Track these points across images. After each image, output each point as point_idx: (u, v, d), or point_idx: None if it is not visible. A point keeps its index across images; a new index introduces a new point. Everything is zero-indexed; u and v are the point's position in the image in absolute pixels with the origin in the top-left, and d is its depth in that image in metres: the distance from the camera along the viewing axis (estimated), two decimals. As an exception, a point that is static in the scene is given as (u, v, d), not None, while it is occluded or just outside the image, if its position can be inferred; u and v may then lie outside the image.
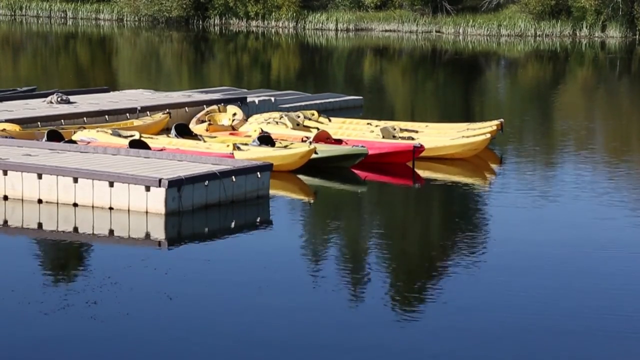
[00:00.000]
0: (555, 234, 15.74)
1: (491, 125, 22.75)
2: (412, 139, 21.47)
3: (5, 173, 16.67)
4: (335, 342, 10.83)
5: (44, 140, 19.48)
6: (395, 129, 22.17)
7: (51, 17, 66.73)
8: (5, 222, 15.95)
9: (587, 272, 13.73)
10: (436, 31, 60.85)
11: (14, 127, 20.71)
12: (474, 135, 21.91)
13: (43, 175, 16.47)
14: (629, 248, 14.91)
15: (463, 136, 22.00)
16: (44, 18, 66.60)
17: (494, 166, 21.79)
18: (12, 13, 67.60)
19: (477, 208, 18.37)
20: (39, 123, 21.78)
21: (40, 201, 16.46)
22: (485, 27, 60.33)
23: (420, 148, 20.39)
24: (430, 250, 15.29)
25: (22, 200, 16.55)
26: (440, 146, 21.39)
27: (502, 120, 23.34)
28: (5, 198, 16.65)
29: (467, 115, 30.48)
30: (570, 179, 20.34)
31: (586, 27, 58.62)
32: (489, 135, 21.89)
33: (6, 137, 19.70)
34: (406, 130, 22.51)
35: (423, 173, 20.28)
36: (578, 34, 58.81)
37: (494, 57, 53.25)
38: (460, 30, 60.51)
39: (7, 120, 21.16)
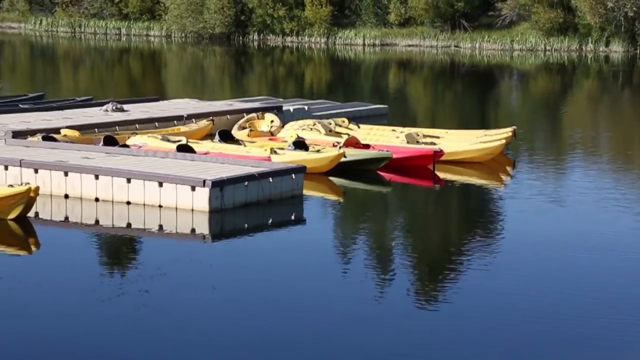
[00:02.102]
0: (564, 233, 15.61)
1: (506, 132, 22.65)
2: (434, 144, 21.41)
3: (66, 174, 16.75)
4: (362, 330, 10.78)
5: (100, 144, 19.54)
6: (418, 135, 22.13)
7: (107, 34, 67.05)
8: (66, 218, 16.01)
9: (593, 269, 13.61)
10: (454, 46, 60.65)
11: (74, 133, 20.80)
12: (490, 141, 21.82)
13: (100, 176, 16.52)
14: (636, 250, 14.72)
15: (480, 142, 21.91)
16: (101, 35, 66.93)
17: (508, 169, 21.65)
18: (73, 30, 67.98)
19: (492, 208, 18.26)
20: (96, 129, 21.85)
21: (97, 199, 16.51)
22: (499, 42, 60.08)
23: (440, 152, 20.34)
24: (449, 246, 15.20)
25: (81, 198, 16.62)
26: (459, 151, 21.32)
27: (515, 127, 23.23)
28: (66, 196, 16.73)
29: (483, 122, 30.32)
30: (578, 181, 20.20)
31: (591, 43, 58.23)
32: (503, 141, 21.81)
33: (67, 141, 19.80)
34: (428, 136, 22.45)
35: (443, 175, 20.19)
36: (584, 49, 58.42)
37: (507, 69, 52.97)
38: (477, 45, 60.28)
39: (67, 127, 21.25)
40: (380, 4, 62.50)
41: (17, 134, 19.87)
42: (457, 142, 22.09)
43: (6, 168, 17.12)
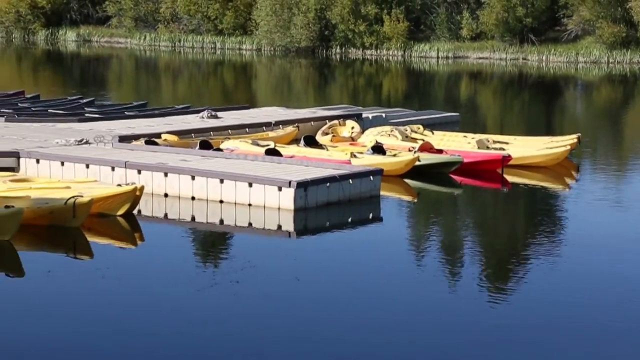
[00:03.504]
0: (625, 235, 15.28)
1: (570, 139, 22.30)
2: (503, 149, 21.17)
3: (165, 175, 16.96)
4: (434, 318, 10.71)
5: (196, 148, 19.75)
6: (488, 141, 21.92)
7: (203, 48, 67.80)
8: (166, 215, 16.21)
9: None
10: (522, 58, 59.81)
11: (173, 138, 21.05)
12: (556, 147, 21.50)
13: (196, 177, 16.69)
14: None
15: (546, 147, 21.61)
16: (198, 48, 67.71)
17: (572, 173, 21.28)
18: (173, 45, 68.91)
19: (557, 209, 17.96)
20: (193, 134, 22.06)
21: (193, 198, 16.68)
22: (564, 55, 59.10)
23: (508, 157, 20.12)
24: (515, 245, 15.01)
25: (179, 197, 16.80)
26: (526, 156, 21.05)
27: (579, 134, 22.84)
28: (166, 195, 16.94)
29: (549, 129, 29.85)
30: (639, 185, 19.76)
31: (653, 55, 56.95)
32: (568, 147, 21.50)
33: (167, 145, 20.05)
34: (498, 142, 22.21)
35: (511, 179, 19.93)
36: (646, 61, 57.18)
37: (572, 80, 52.04)
38: (543, 58, 59.36)
39: (167, 132, 21.52)
40: (454, 19, 62.01)
41: (123, 139, 20.20)
42: (525, 147, 21.82)
43: (113, 169, 17.41)
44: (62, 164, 17.80)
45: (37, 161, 18.06)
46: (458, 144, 22.08)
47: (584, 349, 9.97)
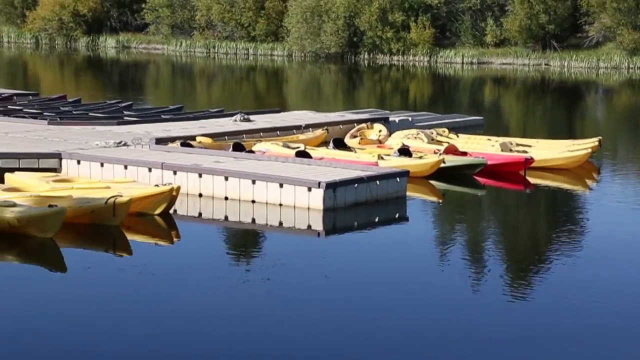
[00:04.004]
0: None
1: (592, 142, 22.13)
2: (526, 152, 21.05)
3: (200, 176, 17.02)
4: (457, 316, 10.67)
5: (230, 150, 19.80)
6: (512, 144, 21.80)
7: (237, 54, 67.98)
8: (200, 214, 16.27)
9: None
10: (545, 64, 59.40)
11: (207, 140, 21.11)
12: (577, 150, 21.34)
13: (229, 178, 16.74)
14: None
15: (568, 150, 21.45)
16: (231, 54, 67.90)
17: (593, 176, 21.11)
18: (208, 51, 69.14)
19: (578, 210, 17.83)
20: (226, 137, 22.11)
21: (226, 198, 16.73)
22: (586, 60, 58.62)
23: (530, 160, 20.01)
24: (537, 244, 14.91)
25: (213, 197, 16.85)
26: (549, 158, 20.91)
27: (600, 137, 22.65)
28: (200, 195, 16.99)
29: (570, 133, 29.62)
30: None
31: (673, 61, 56.33)
32: (589, 150, 21.32)
33: (201, 147, 20.13)
34: (521, 144, 22.09)
35: (533, 180, 19.80)
36: (666, 67, 56.59)
37: (593, 86, 51.60)
38: (565, 64, 58.92)
39: (202, 135, 21.59)
40: (478, 26, 61.72)
41: (159, 141, 20.30)
42: (547, 150, 21.69)
43: (150, 170, 17.51)
44: (102, 165, 17.94)
45: (78, 162, 18.21)
46: (482, 147, 21.98)
47: (605, 351, 9.88)
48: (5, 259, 13.28)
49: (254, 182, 16.42)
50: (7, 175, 16.98)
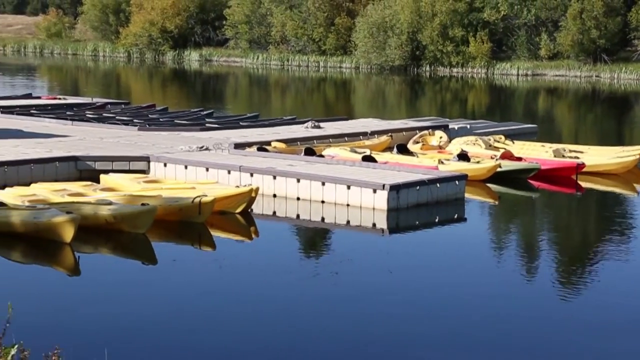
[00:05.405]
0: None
1: (640, 149, 21.63)
2: (578, 158, 20.68)
3: (274, 178, 17.11)
4: (511, 311, 10.52)
5: (302, 154, 19.87)
6: (564, 150, 21.45)
7: (308, 66, 68.26)
8: (274, 213, 16.35)
9: None
10: (596, 76, 58.24)
11: (281, 145, 21.22)
12: (626, 156, 20.87)
13: (301, 180, 16.79)
14: None
15: (617, 156, 21.00)
16: (303, 67, 68.20)
17: (641, 180, 20.62)
18: (282, 64, 69.59)
19: (627, 213, 17.41)
20: (298, 142, 22.19)
21: (298, 199, 16.77)
22: (635, 73, 57.30)
23: (582, 165, 19.66)
24: (588, 245, 14.61)
25: (286, 197, 16.92)
26: (599, 164, 20.50)
27: (649, 144, 22.12)
28: (274, 196, 17.08)
29: (620, 140, 28.96)
30: None
31: None
32: (638, 156, 20.84)
33: (276, 152, 20.23)
34: (573, 151, 21.71)
35: (584, 184, 19.43)
36: None
37: (643, 95, 50.42)
38: (615, 75, 57.68)
39: (276, 140, 21.71)
40: (533, 41, 60.87)
41: (238, 146, 20.48)
42: (597, 156, 21.27)
43: (229, 172, 17.67)
44: (186, 167, 18.17)
45: (165, 165, 18.48)
46: (536, 153, 21.65)
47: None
48: (102, 252, 13.56)
49: (323, 184, 16.45)
50: (102, 177, 17.32)
